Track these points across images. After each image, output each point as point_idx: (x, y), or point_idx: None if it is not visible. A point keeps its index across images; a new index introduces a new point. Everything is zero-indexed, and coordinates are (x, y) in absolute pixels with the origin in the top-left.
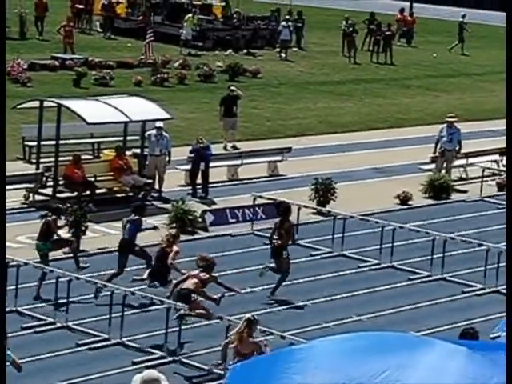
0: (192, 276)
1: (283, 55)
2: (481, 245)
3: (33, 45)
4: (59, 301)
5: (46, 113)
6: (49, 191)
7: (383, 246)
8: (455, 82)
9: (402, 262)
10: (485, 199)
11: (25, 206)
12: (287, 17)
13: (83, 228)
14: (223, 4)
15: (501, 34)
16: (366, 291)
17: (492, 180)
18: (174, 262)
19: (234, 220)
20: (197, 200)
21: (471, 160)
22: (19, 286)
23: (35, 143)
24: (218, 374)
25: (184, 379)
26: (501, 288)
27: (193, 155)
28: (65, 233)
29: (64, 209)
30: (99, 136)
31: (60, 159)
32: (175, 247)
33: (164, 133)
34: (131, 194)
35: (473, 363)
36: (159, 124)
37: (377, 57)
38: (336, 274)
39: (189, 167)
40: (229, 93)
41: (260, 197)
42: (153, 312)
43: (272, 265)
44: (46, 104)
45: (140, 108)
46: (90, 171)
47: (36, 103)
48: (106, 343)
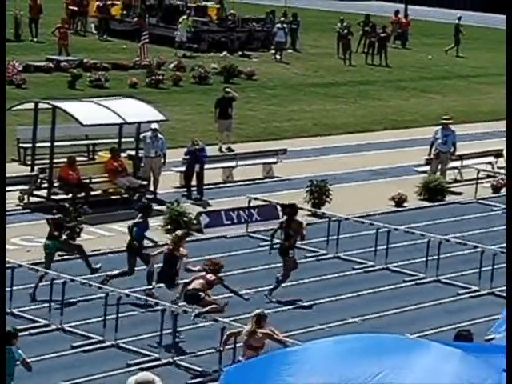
0: (199, 277)
1: (278, 57)
2: (476, 247)
3: (27, 46)
4: (54, 303)
5: (41, 114)
6: (43, 193)
7: (378, 248)
8: (450, 84)
9: (397, 264)
10: (479, 201)
11: (19, 208)
12: (282, 19)
13: (78, 230)
14: (218, 6)
15: (496, 36)
16: (361, 293)
17: (487, 182)
18: (189, 266)
19: (229, 222)
20: (192, 202)
21: (466, 162)
22: (14, 288)
23: (30, 145)
24: (213, 377)
25: (179, 381)
26: (495, 290)
27: (188, 157)
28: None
29: (71, 210)
30: (94, 138)
31: (55, 161)
32: (183, 250)
33: (159, 134)
34: (126, 196)
35: (467, 365)
36: (154, 126)
37: (372, 59)
38: (331, 276)
39: (184, 169)
40: (224, 95)
41: (255, 199)
42: (148, 314)
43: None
44: (41, 106)
45: (135, 110)
46: (85, 173)
47: (31, 105)
48: (101, 345)
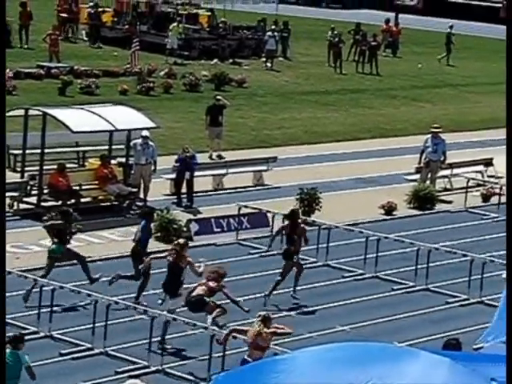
0: (201, 284)
1: (269, 65)
2: (465, 255)
3: (18, 53)
4: (42, 310)
5: (31, 121)
6: (33, 200)
7: (368, 256)
8: (440, 93)
9: (387, 272)
10: (469, 210)
11: (9, 215)
12: (273, 27)
13: (67, 237)
14: (209, 13)
15: (486, 45)
16: (351, 301)
17: (476, 191)
18: (201, 270)
19: (219, 229)
20: (182, 209)
21: (456, 171)
22: None
23: (20, 151)
24: None
25: None
26: (485, 299)
27: (178, 164)
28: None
29: (74, 215)
30: (84, 145)
31: (45, 168)
32: (188, 257)
33: (150, 142)
34: (116, 203)
35: (456, 374)
36: (145, 133)
37: (362, 67)
38: (320, 284)
39: (174, 176)
40: (215, 102)
41: (245, 206)
42: (137, 321)
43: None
44: (31, 112)
45: (125, 117)
46: (75, 180)
47: (21, 111)
48: (90, 353)
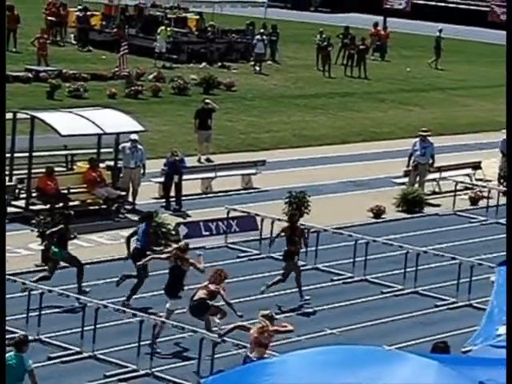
0: (202, 287)
1: (257, 68)
2: (453, 258)
3: (6, 57)
4: (31, 314)
5: (20, 125)
6: (22, 203)
7: (356, 260)
8: (428, 97)
9: (375, 276)
10: (457, 213)
11: None
12: (262, 30)
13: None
14: (197, 17)
15: (474, 49)
16: (340, 304)
17: (465, 194)
18: (202, 266)
19: (208, 233)
20: (170, 213)
21: (444, 174)
22: None
23: (8, 155)
24: None
25: None
26: (473, 302)
27: (166, 168)
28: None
29: (73, 216)
30: (73, 148)
31: (33, 171)
32: (191, 259)
33: (138, 145)
34: (104, 207)
35: (444, 377)
36: (134, 136)
37: (351, 71)
38: (309, 288)
39: (162, 180)
40: (203, 106)
41: (234, 210)
42: (125, 325)
43: (270, 283)
44: (20, 116)
45: (114, 120)
46: (64, 183)
47: (9, 115)
48: (78, 356)
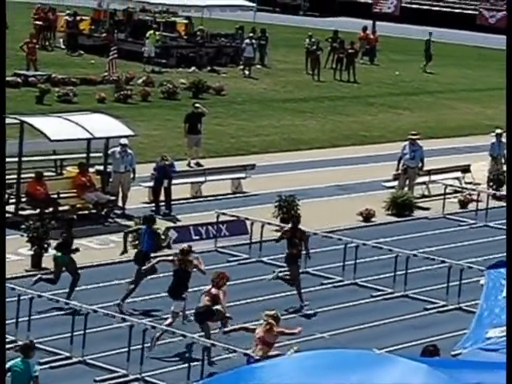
0: (205, 294)
1: (247, 72)
2: (443, 262)
3: None
4: (20, 319)
5: (9, 129)
6: (11, 208)
7: (346, 263)
8: (417, 100)
9: (365, 279)
10: (447, 216)
11: None
12: (251, 34)
13: (45, 245)
14: (186, 22)
15: (463, 53)
16: (329, 308)
17: (454, 197)
18: (203, 268)
19: (198, 237)
20: (160, 217)
21: (433, 177)
22: None
23: None
24: None
25: None
26: (463, 305)
27: (156, 172)
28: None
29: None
30: (62, 153)
31: (22, 176)
32: (194, 261)
33: (128, 150)
34: (94, 211)
35: (433, 380)
36: (124, 141)
37: (340, 74)
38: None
39: (152, 184)
40: (193, 110)
41: (223, 214)
42: (115, 330)
43: (281, 274)
44: (9, 121)
45: (103, 125)
46: (53, 188)
47: None
48: (68, 361)
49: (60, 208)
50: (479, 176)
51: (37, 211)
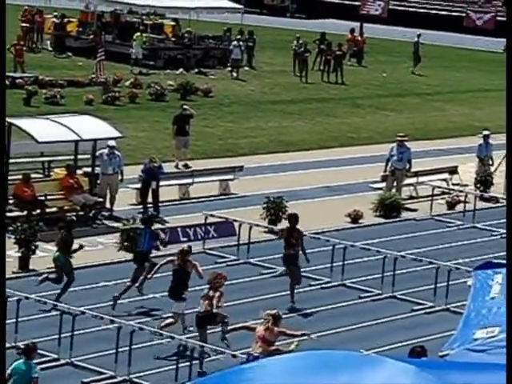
0: (204, 297)
1: (235, 74)
2: (431, 263)
3: None
4: (8, 321)
5: None
6: None
7: (334, 265)
8: (405, 102)
9: (353, 280)
10: (435, 217)
11: None
12: (238, 36)
13: (33, 247)
14: (174, 23)
15: (451, 54)
16: (317, 309)
17: (442, 199)
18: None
19: (186, 239)
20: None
21: (421, 179)
22: None
23: None
24: None
25: None
26: (450, 306)
27: (143, 174)
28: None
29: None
30: (50, 155)
31: (10, 178)
32: (193, 261)
33: (116, 151)
34: (82, 213)
35: (421, 381)
36: (111, 143)
37: (328, 76)
38: (287, 293)
39: (139, 186)
40: (181, 111)
41: (211, 215)
42: (103, 331)
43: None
44: None
45: (91, 127)
46: (41, 190)
47: None
48: (56, 363)
49: (47, 210)
50: (467, 177)
51: (24, 213)
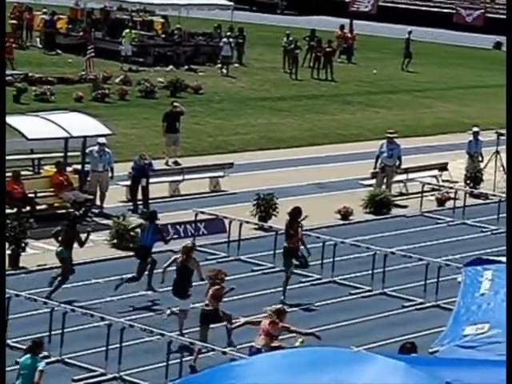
0: (206, 295)
1: (224, 71)
2: (421, 259)
3: None
4: None
5: None
6: None
7: (324, 261)
8: (395, 99)
9: (344, 277)
10: (424, 214)
11: None
12: (228, 33)
13: (23, 244)
14: (163, 20)
15: (441, 52)
16: (308, 306)
17: (431, 195)
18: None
19: (176, 236)
20: (138, 216)
21: (411, 175)
22: None
23: None
24: None
25: None
26: (440, 302)
27: (133, 171)
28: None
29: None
30: (39, 152)
31: None
32: (196, 259)
33: (106, 149)
34: (72, 210)
35: (411, 378)
36: (102, 140)
37: (317, 73)
38: (278, 290)
39: (129, 183)
40: (172, 109)
41: (202, 212)
42: (93, 329)
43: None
44: None
45: (81, 124)
46: (30, 187)
47: None
48: (46, 361)
49: (37, 207)
50: (456, 174)
51: (14, 210)
